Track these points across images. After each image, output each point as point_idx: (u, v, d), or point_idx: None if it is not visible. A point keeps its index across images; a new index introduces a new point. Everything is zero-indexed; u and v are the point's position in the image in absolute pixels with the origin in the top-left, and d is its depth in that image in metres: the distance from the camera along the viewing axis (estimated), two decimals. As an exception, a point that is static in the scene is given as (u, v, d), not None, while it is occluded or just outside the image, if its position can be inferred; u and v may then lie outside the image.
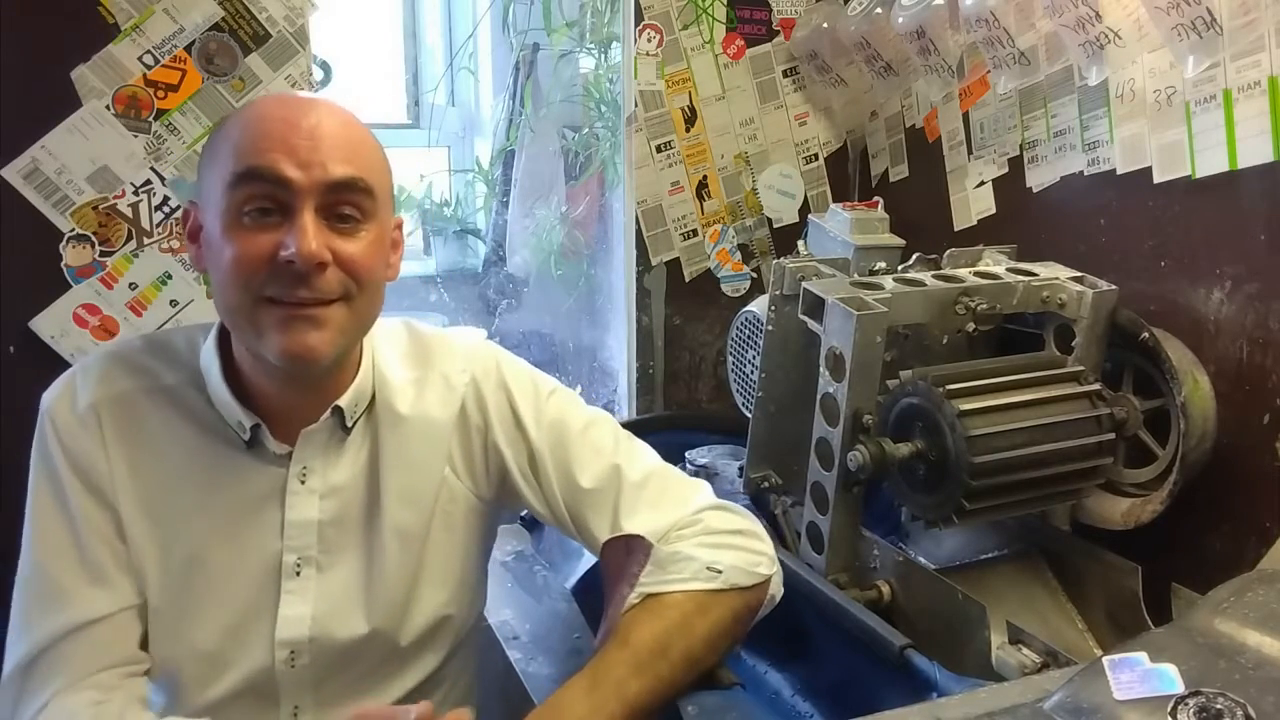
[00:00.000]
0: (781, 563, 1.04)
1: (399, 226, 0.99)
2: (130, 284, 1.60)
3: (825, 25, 1.92)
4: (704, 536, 1.00)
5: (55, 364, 1.56)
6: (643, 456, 1.07)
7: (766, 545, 1.02)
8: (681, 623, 0.93)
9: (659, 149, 1.98)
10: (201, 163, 0.93)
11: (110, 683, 0.92)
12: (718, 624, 0.96)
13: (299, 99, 0.94)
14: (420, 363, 1.04)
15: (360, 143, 0.92)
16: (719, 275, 2.07)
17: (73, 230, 1.56)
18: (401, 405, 1.01)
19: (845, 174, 2.12)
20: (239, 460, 0.96)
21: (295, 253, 0.85)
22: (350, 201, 0.89)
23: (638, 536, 0.99)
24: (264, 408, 0.96)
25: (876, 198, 1.65)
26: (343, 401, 0.97)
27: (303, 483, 0.97)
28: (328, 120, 0.90)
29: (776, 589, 1.03)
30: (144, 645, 0.96)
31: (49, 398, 0.96)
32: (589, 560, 1.39)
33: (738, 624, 0.99)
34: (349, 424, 0.98)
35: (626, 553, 0.99)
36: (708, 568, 0.96)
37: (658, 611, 0.93)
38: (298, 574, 0.97)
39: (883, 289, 1.29)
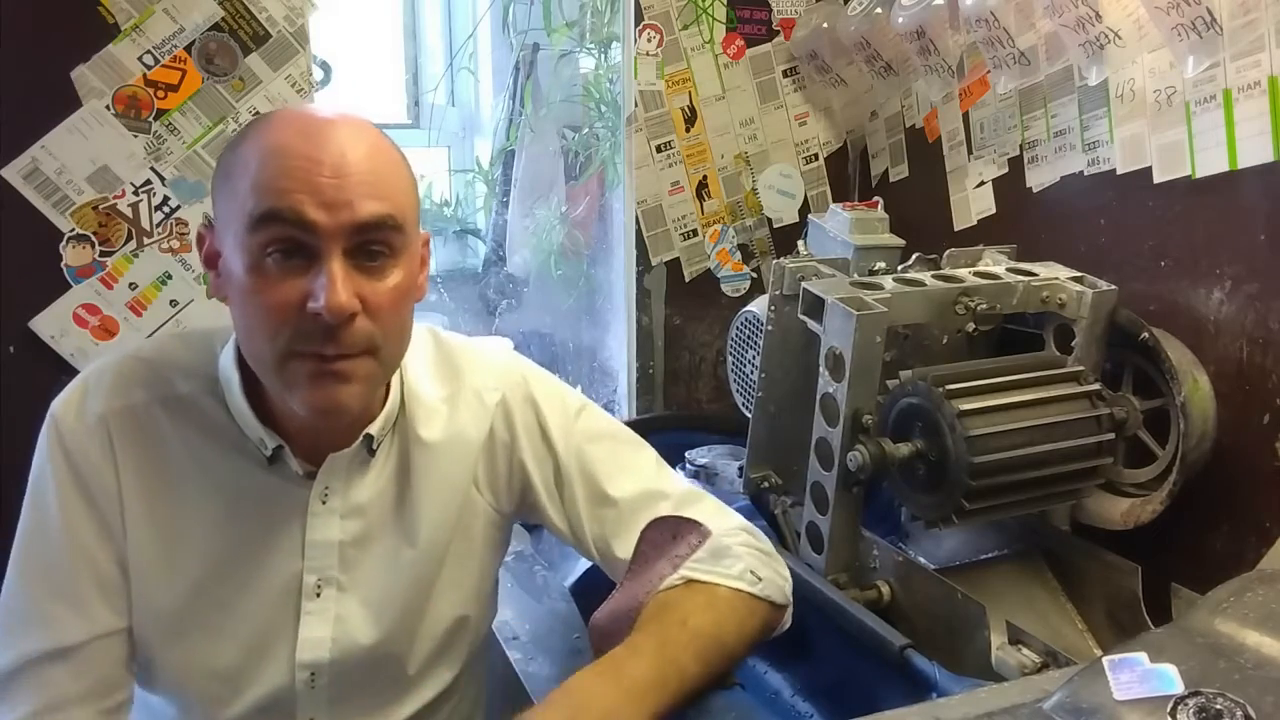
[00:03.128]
0: None
1: (426, 243, 0.94)
2: (130, 284, 1.60)
3: (825, 25, 1.92)
4: (747, 551, 0.98)
5: (55, 364, 1.56)
6: (675, 476, 1.06)
7: (789, 574, 1.02)
8: (734, 619, 0.92)
9: (659, 149, 1.98)
10: (215, 184, 0.88)
11: None
12: (756, 630, 0.95)
13: (320, 123, 0.85)
14: (450, 378, 1.01)
15: (388, 171, 0.86)
16: (719, 275, 2.07)
17: (73, 230, 1.56)
18: (434, 426, 0.98)
19: (845, 174, 2.12)
20: (258, 477, 0.93)
21: (324, 306, 0.80)
22: (380, 240, 0.84)
23: (692, 520, 0.97)
24: (287, 427, 0.92)
25: (876, 198, 1.65)
26: (373, 429, 0.94)
27: (324, 503, 0.94)
28: (352, 150, 0.83)
29: (788, 618, 1.02)
30: (129, 670, 0.94)
31: (57, 405, 0.92)
32: (588, 560, 1.39)
33: (763, 638, 0.98)
34: (375, 447, 0.96)
35: (674, 534, 0.96)
36: (750, 571, 0.95)
37: (711, 601, 0.91)
38: (318, 595, 0.95)
39: (883, 289, 1.29)
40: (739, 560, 0.96)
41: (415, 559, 0.98)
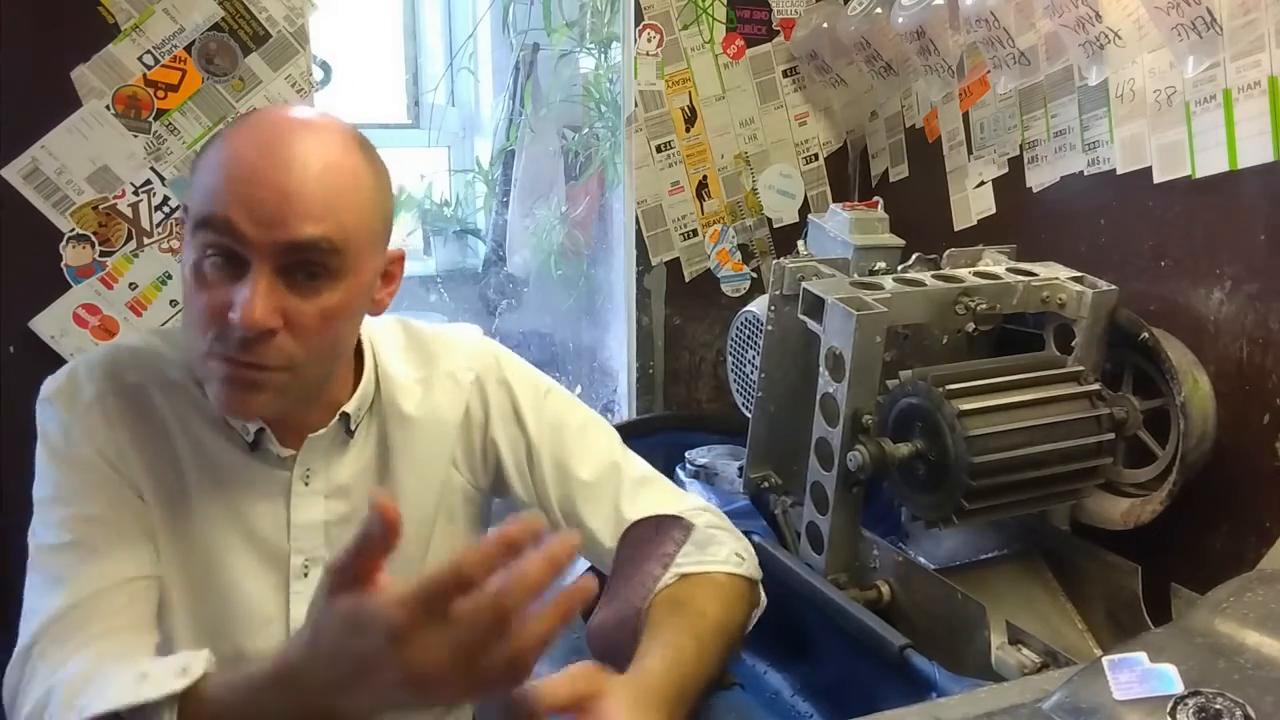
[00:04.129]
0: (782, 562, 1.05)
1: (397, 260, 0.95)
2: (130, 284, 1.60)
3: (825, 25, 1.92)
4: (718, 531, 1.01)
5: (55, 364, 1.53)
6: (638, 459, 1.09)
7: (752, 548, 1.04)
8: (733, 603, 0.95)
9: (659, 149, 1.98)
10: (191, 175, 0.91)
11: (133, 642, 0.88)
12: (747, 614, 0.98)
13: (282, 133, 0.85)
14: (423, 360, 1.04)
15: (339, 191, 0.85)
16: (719, 275, 2.07)
17: (73, 230, 1.56)
18: (410, 404, 1.01)
19: (845, 174, 2.12)
20: (244, 461, 0.96)
21: (239, 319, 0.81)
22: (315, 261, 0.84)
23: (674, 516, 0.99)
24: None
25: (876, 198, 1.65)
26: (349, 408, 0.97)
27: (306, 484, 0.97)
28: (303, 166, 0.83)
29: (763, 595, 1.04)
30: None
31: (49, 388, 0.94)
32: (587, 560, 1.39)
33: (751, 616, 1.00)
34: (353, 427, 0.98)
35: (657, 531, 0.98)
36: (736, 554, 0.98)
37: (714, 590, 0.93)
38: (306, 575, 0.97)
39: (883, 289, 1.29)
40: (723, 545, 0.98)
41: (403, 538, 0.99)
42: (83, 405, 0.93)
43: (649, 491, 1.04)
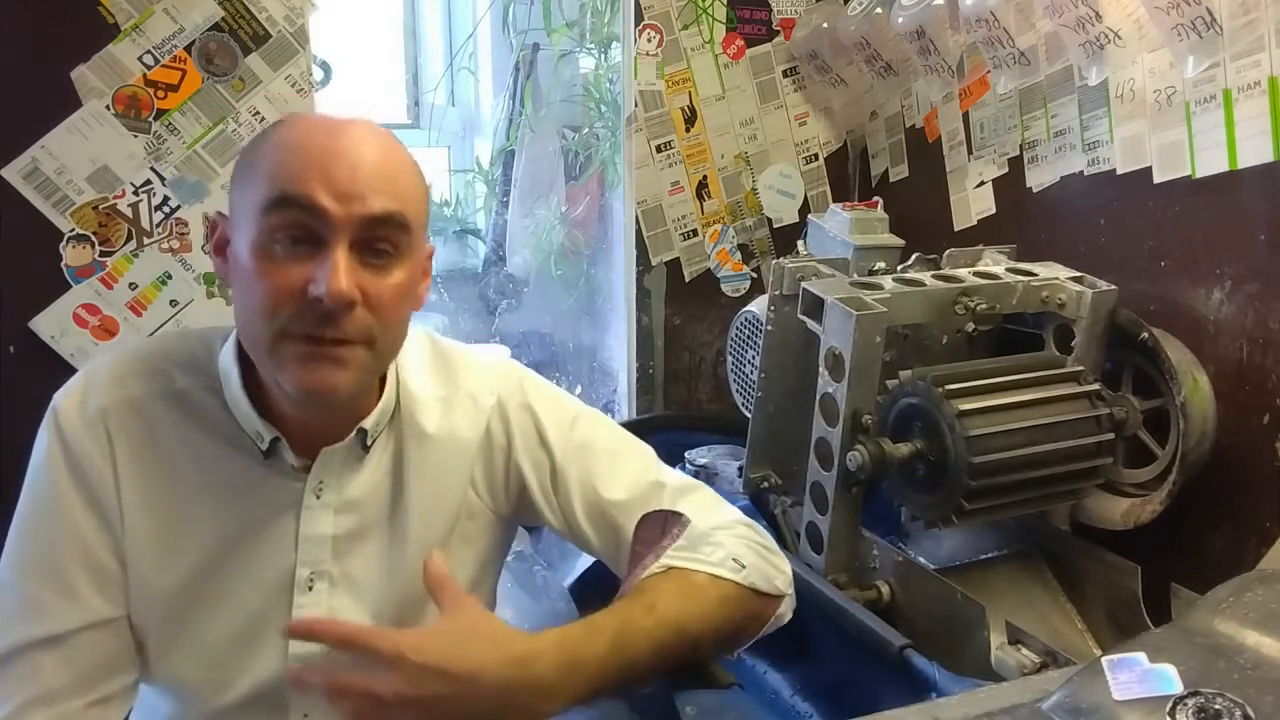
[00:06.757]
0: None
1: (429, 256, 0.97)
2: (130, 284, 1.60)
3: (825, 25, 1.93)
4: (737, 539, 1.00)
5: (55, 364, 1.56)
6: (676, 472, 1.08)
7: (788, 568, 1.02)
8: (703, 607, 0.93)
9: (659, 149, 1.98)
10: (234, 178, 0.91)
11: (70, 715, 0.90)
12: (730, 621, 0.96)
13: (338, 122, 0.89)
14: (446, 379, 1.03)
15: (400, 172, 0.88)
16: (719, 275, 2.07)
17: (73, 230, 1.56)
18: (429, 422, 1.00)
19: (845, 174, 2.12)
20: (254, 471, 0.94)
21: (325, 292, 0.82)
22: (386, 237, 0.86)
23: (678, 514, 0.99)
24: (283, 420, 0.93)
25: (876, 198, 1.65)
26: (367, 424, 0.95)
27: (318, 497, 0.96)
28: (368, 147, 0.86)
29: (787, 610, 1.02)
30: (123, 660, 0.94)
31: (59, 398, 0.94)
32: (588, 560, 1.39)
33: (745, 629, 0.98)
34: (369, 443, 0.97)
35: (663, 528, 0.98)
36: (733, 558, 0.96)
37: (684, 589, 0.92)
38: (310, 588, 0.96)
39: (882, 289, 1.29)
40: (720, 547, 0.96)
41: (411, 557, 0.99)
42: (84, 423, 0.92)
43: (686, 502, 1.03)
